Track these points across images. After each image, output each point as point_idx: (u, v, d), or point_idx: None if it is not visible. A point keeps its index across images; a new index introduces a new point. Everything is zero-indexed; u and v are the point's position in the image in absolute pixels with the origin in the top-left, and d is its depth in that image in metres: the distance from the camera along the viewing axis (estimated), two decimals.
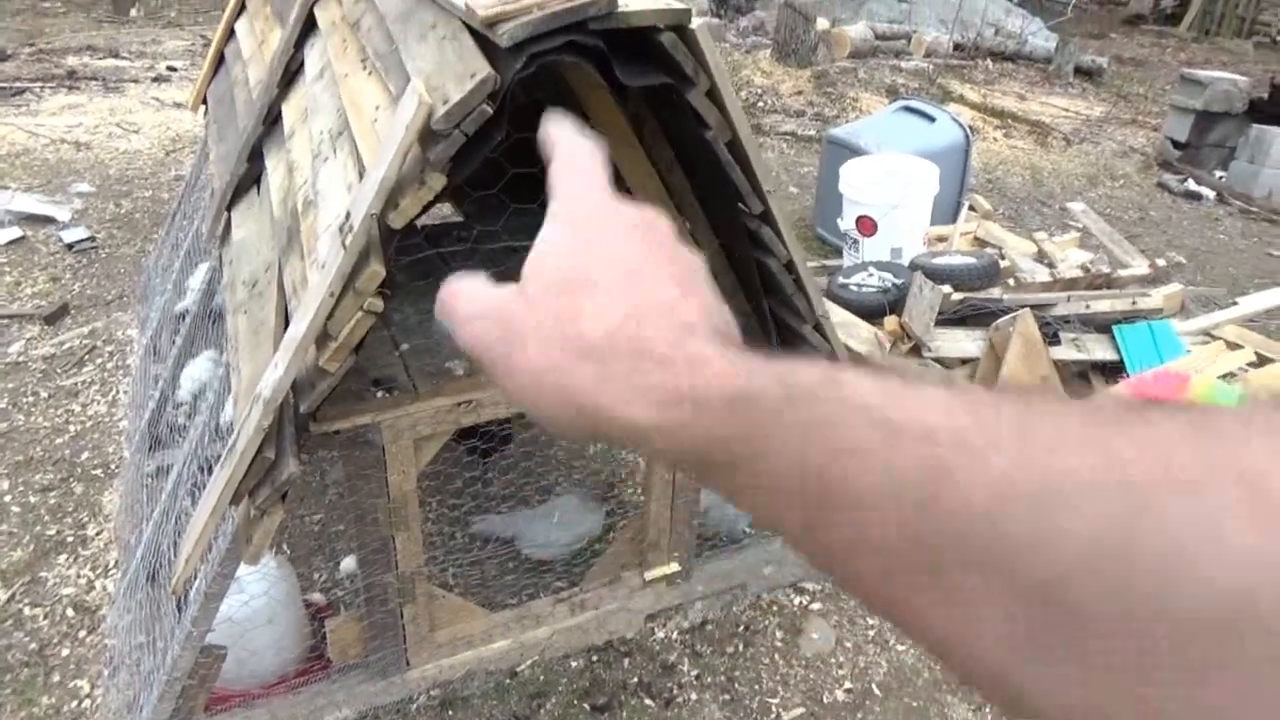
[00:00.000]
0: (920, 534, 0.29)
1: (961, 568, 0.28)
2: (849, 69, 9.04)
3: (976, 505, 0.27)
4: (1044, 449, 0.27)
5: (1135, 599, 0.24)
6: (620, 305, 0.39)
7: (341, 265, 1.52)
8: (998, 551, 0.27)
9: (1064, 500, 0.26)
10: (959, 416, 0.30)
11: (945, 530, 0.28)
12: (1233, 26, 14.30)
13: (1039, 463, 0.27)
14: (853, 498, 0.31)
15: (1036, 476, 0.27)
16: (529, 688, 2.42)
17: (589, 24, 1.50)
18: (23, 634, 2.54)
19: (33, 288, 4.37)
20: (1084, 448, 0.26)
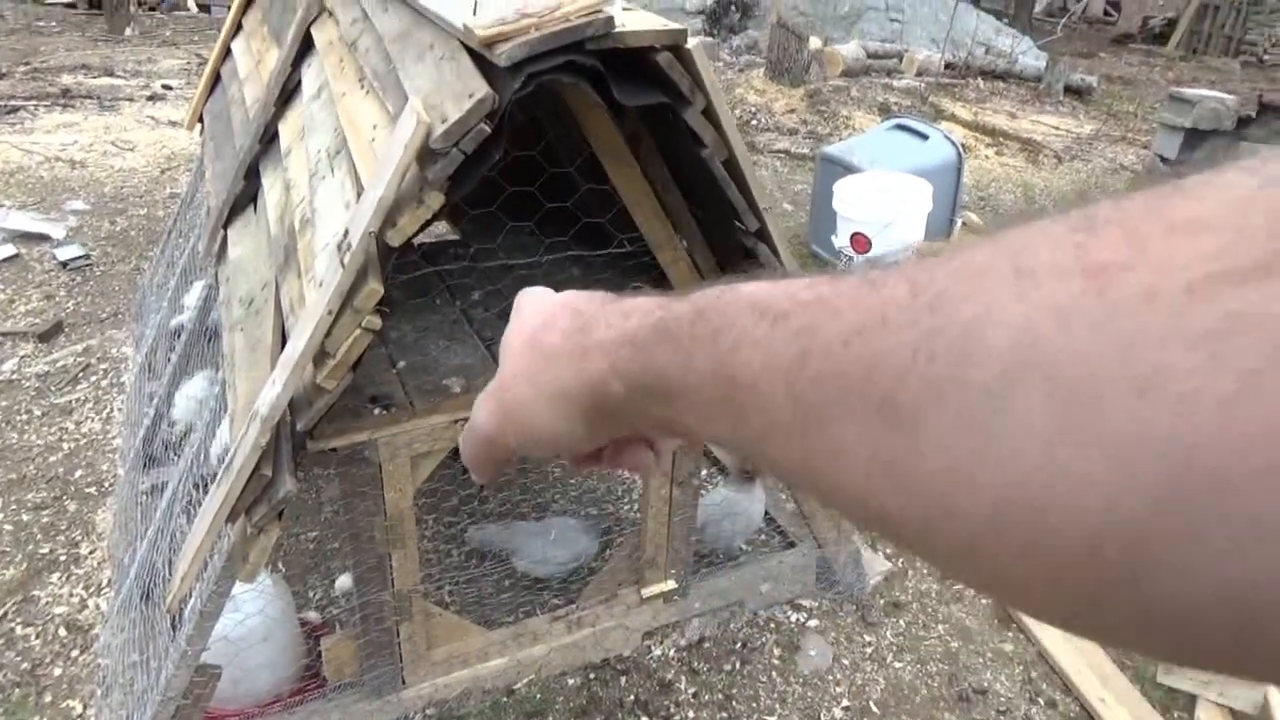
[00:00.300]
0: (798, 391, 0.32)
1: (827, 408, 0.31)
2: (841, 87, 9.10)
3: (831, 351, 0.31)
4: (873, 290, 0.31)
5: (941, 386, 0.27)
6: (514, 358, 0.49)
7: (340, 283, 1.53)
8: (849, 383, 0.30)
9: (885, 325, 0.30)
10: (822, 288, 0.34)
11: (812, 380, 0.32)
12: (1219, 46, 14.45)
13: (870, 301, 0.31)
14: (750, 382, 0.34)
15: (868, 312, 0.31)
16: (526, 706, 2.41)
17: (586, 44, 1.52)
18: (14, 653, 2.52)
19: (26, 305, 4.36)
20: (900, 280, 0.31)
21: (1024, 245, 0.28)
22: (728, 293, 0.38)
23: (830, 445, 0.31)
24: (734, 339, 0.36)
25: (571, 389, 0.45)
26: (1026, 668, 2.63)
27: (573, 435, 0.47)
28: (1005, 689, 2.56)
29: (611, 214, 2.23)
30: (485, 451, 0.52)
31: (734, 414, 0.36)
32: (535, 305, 0.51)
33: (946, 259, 0.30)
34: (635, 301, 0.44)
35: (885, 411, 0.29)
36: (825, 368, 0.31)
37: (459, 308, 2.44)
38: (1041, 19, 16.34)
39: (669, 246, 2.16)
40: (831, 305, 0.32)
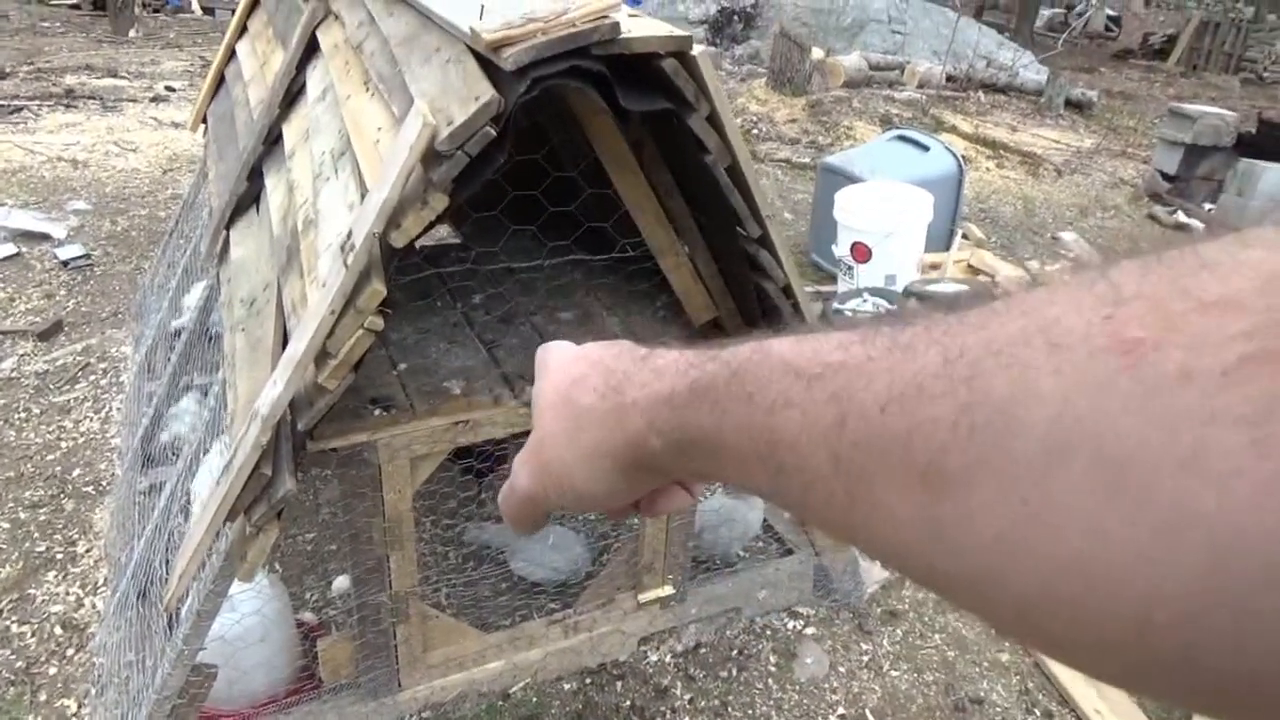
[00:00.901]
0: (839, 453, 0.33)
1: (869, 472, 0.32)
2: (843, 98, 9.13)
3: (869, 416, 0.32)
4: (906, 357, 0.32)
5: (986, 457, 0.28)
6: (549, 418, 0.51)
7: (343, 283, 1.53)
8: (889, 450, 0.31)
9: (921, 393, 0.31)
10: (853, 349, 0.35)
11: (852, 444, 0.33)
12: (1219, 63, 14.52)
13: (904, 369, 0.32)
14: (790, 443, 0.36)
15: (904, 380, 0.32)
16: (521, 710, 2.40)
17: (592, 49, 1.52)
18: (9, 652, 2.51)
19: (27, 304, 4.36)
20: (930, 347, 0.32)
21: (1055, 318, 0.28)
22: (759, 352, 0.39)
23: (875, 506, 0.33)
24: (770, 400, 0.37)
25: (610, 448, 0.46)
26: (1023, 678, 2.63)
27: (613, 490, 0.49)
28: (1001, 699, 2.56)
29: (614, 219, 2.24)
30: (527, 509, 0.54)
31: (774, 471, 0.37)
32: (562, 362, 0.52)
33: (975, 325, 0.31)
34: (666, 359, 0.45)
35: (930, 479, 0.30)
36: (864, 432, 0.32)
37: (460, 310, 2.45)
38: (1043, 33, 16.41)
39: (671, 252, 2.17)
40: (864, 370, 0.33)
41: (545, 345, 0.57)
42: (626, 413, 0.45)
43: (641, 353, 0.48)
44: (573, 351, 0.53)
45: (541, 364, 0.55)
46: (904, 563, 0.33)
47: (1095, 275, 0.29)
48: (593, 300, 2.51)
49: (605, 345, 0.52)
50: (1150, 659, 0.26)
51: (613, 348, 0.51)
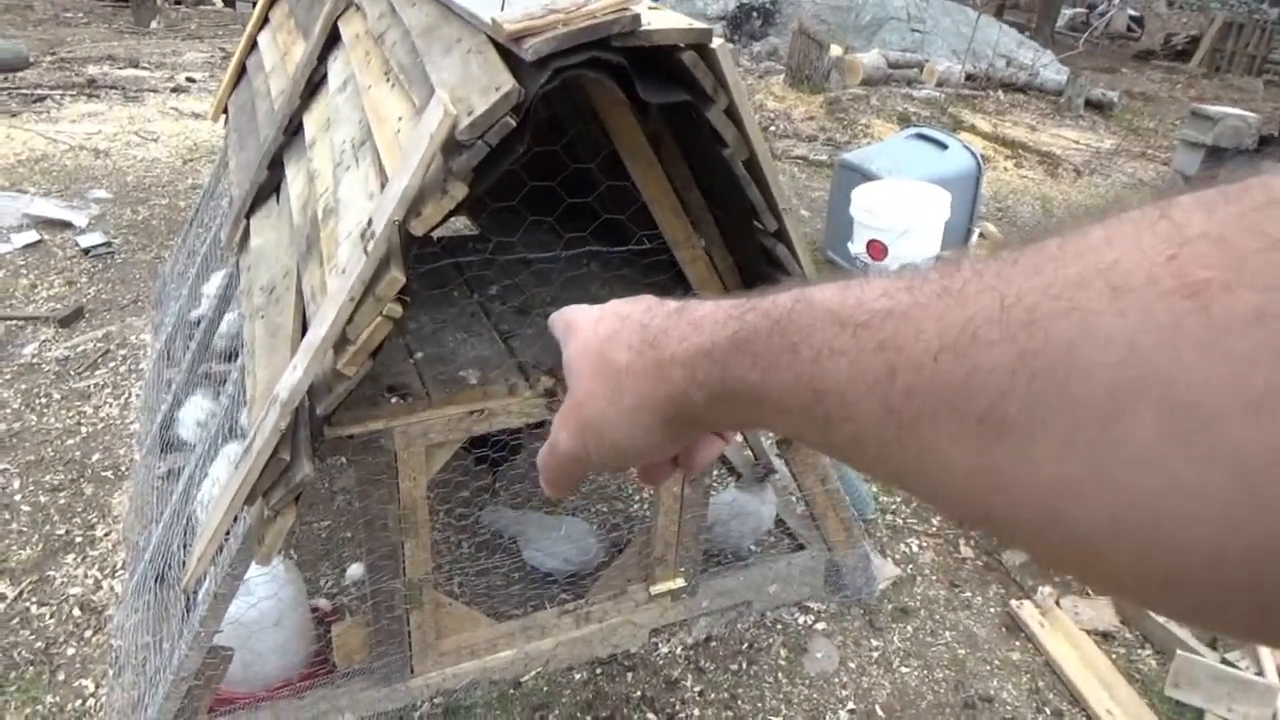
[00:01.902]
0: (889, 402, 0.33)
1: (923, 420, 0.32)
2: (861, 96, 9.11)
3: (920, 364, 0.32)
4: (957, 303, 0.32)
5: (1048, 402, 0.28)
6: (585, 377, 0.51)
7: (363, 271, 1.55)
8: (944, 396, 0.31)
9: (975, 341, 0.30)
10: (899, 296, 0.34)
11: (903, 393, 0.33)
12: (1243, 64, 14.37)
13: (955, 315, 0.32)
14: (837, 391, 0.36)
15: (954, 326, 0.31)
16: (532, 699, 2.42)
17: (612, 41, 1.53)
18: (29, 632, 2.55)
19: (48, 291, 4.41)
20: (984, 293, 0.31)
21: (1115, 260, 0.28)
22: (800, 301, 0.39)
23: (929, 454, 0.33)
24: (815, 350, 0.37)
25: (652, 403, 0.46)
26: (1034, 677, 2.63)
27: (653, 444, 0.49)
28: (1012, 697, 2.56)
29: (631, 211, 2.24)
30: (568, 469, 0.54)
31: (820, 420, 0.37)
32: (589, 321, 0.52)
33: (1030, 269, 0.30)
34: (702, 312, 0.45)
35: (988, 425, 0.30)
36: (916, 381, 0.32)
37: (477, 300, 2.46)
38: (1064, 33, 16.29)
39: (687, 245, 2.18)
40: (912, 317, 0.33)
41: (563, 310, 0.57)
42: (666, 367, 0.45)
43: (673, 305, 0.48)
44: (598, 310, 0.53)
45: (566, 326, 0.55)
46: (960, 507, 0.33)
47: (1155, 214, 0.28)
48: (609, 292, 2.52)
49: (631, 301, 0.52)
50: (1221, 595, 0.26)
51: (640, 302, 0.51)
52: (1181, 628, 2.73)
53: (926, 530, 3.19)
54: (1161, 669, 2.65)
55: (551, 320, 0.59)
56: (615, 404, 0.48)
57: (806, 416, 0.38)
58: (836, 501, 2.69)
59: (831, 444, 0.38)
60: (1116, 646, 2.75)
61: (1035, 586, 2.95)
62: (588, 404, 0.50)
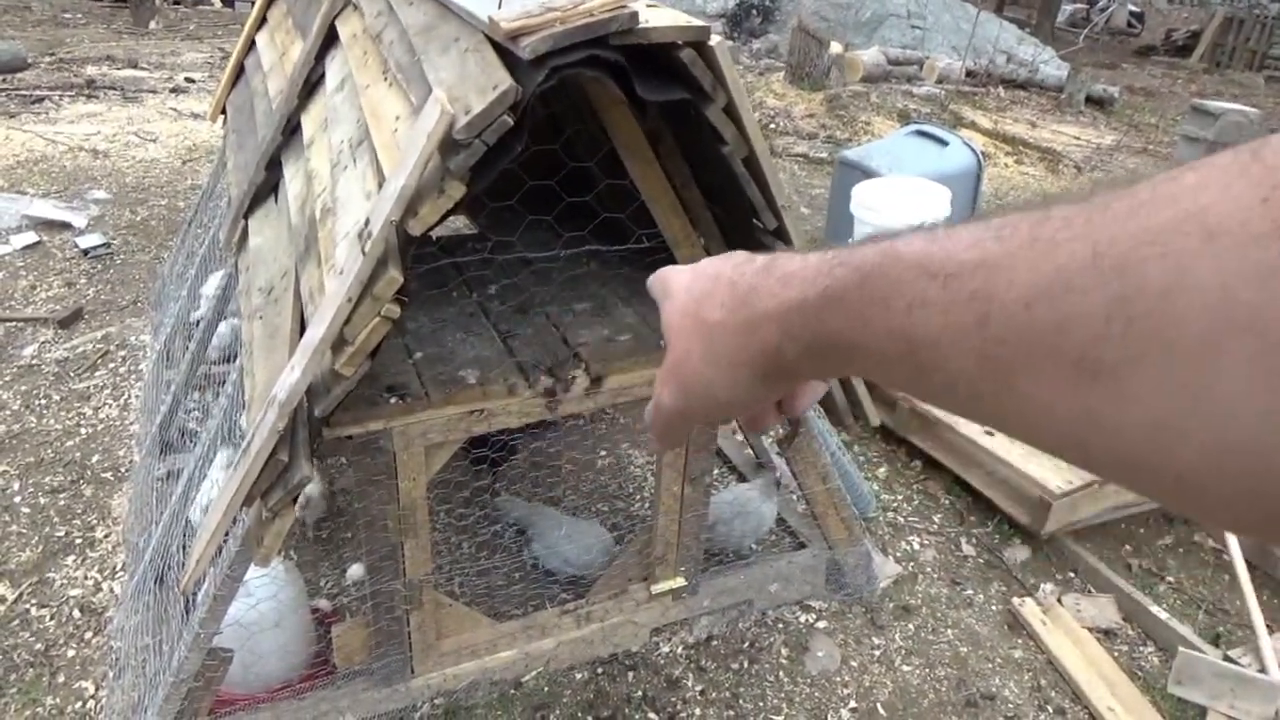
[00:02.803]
0: (983, 350, 0.34)
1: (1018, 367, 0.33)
2: (861, 93, 9.09)
3: (1014, 313, 0.33)
4: (1048, 251, 0.32)
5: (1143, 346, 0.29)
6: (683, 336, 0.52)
7: (360, 271, 1.54)
8: (1038, 343, 0.32)
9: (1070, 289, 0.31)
10: (988, 246, 0.35)
11: (997, 340, 0.34)
12: (1243, 60, 14.35)
13: (1047, 264, 0.32)
14: (931, 342, 0.37)
15: (1047, 274, 0.32)
16: (533, 699, 2.42)
17: (610, 39, 1.52)
18: (29, 634, 2.54)
19: (48, 292, 4.41)
20: (1074, 241, 0.32)
21: (1208, 204, 0.28)
22: (888, 256, 0.40)
23: (1026, 399, 0.33)
24: (907, 301, 0.38)
25: (748, 357, 0.48)
26: (1035, 675, 2.62)
27: (753, 396, 0.50)
28: (1014, 695, 2.56)
29: (630, 210, 2.24)
30: (674, 424, 0.56)
31: (914, 368, 0.38)
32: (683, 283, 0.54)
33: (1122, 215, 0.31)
34: (791, 267, 0.46)
35: (1084, 369, 0.31)
36: (1010, 329, 0.33)
37: (476, 300, 2.46)
38: (1064, 29, 16.27)
39: (687, 243, 2.17)
40: (1003, 266, 0.34)
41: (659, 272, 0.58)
42: (759, 324, 0.46)
43: (762, 261, 0.49)
44: (690, 271, 0.54)
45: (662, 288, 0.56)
46: (1058, 448, 0.34)
47: (1247, 158, 0.28)
48: (608, 291, 2.52)
49: (723, 259, 0.53)
50: None
51: (730, 259, 0.52)
52: (1183, 624, 2.73)
53: (928, 528, 3.18)
54: (1164, 666, 2.64)
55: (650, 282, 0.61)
56: (712, 361, 0.50)
57: (901, 366, 0.39)
58: (838, 500, 2.69)
59: (926, 391, 0.39)
60: (1118, 644, 2.74)
61: (1037, 584, 2.94)
62: (686, 363, 0.52)
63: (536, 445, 2.84)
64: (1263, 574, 3.00)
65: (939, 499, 3.33)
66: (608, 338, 2.27)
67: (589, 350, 2.20)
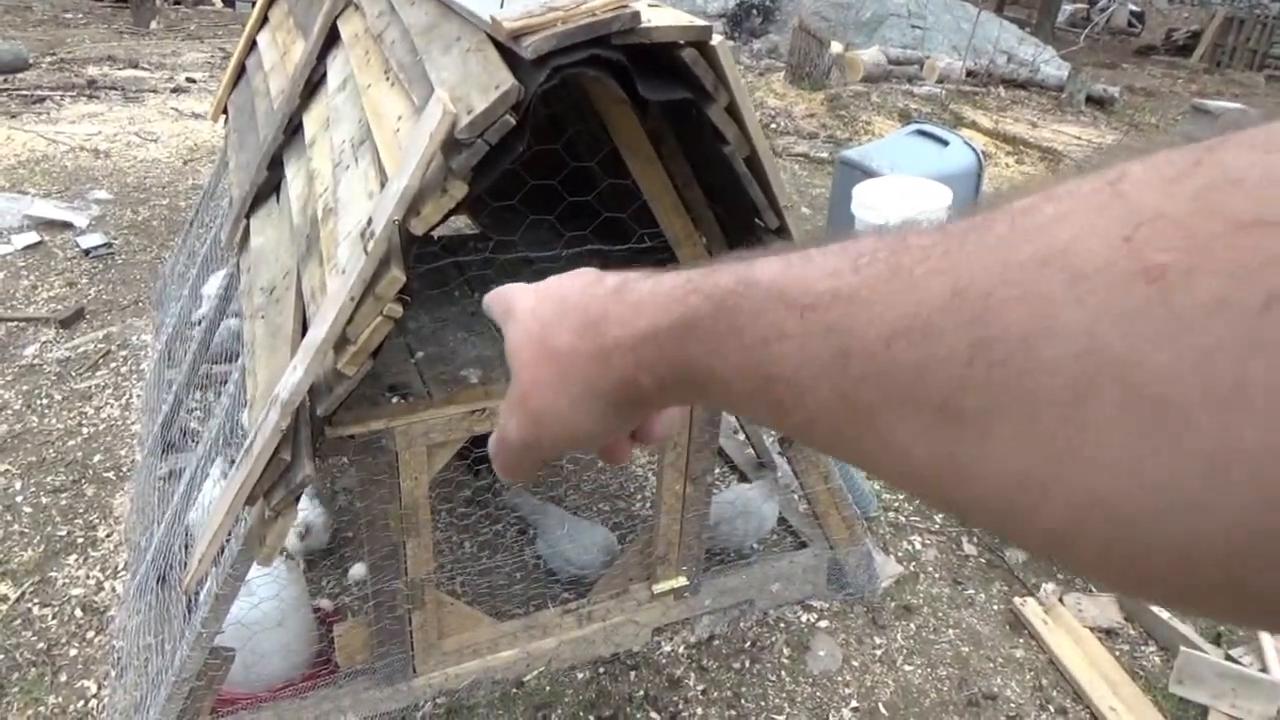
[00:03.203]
0: (841, 389, 0.33)
1: (878, 407, 0.31)
2: (862, 93, 9.09)
3: (873, 352, 0.31)
4: (907, 287, 0.31)
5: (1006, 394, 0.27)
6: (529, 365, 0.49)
7: (362, 270, 1.54)
8: (898, 385, 0.31)
9: (929, 329, 0.29)
10: (846, 277, 0.33)
11: (857, 379, 0.32)
12: (1244, 60, 14.35)
13: (906, 300, 0.30)
14: (789, 377, 0.35)
15: (906, 312, 0.30)
16: (535, 698, 2.42)
17: (612, 39, 1.53)
18: (31, 633, 2.55)
19: (49, 292, 4.41)
20: (933, 276, 0.30)
21: (1069, 242, 0.27)
22: (743, 282, 0.38)
23: (887, 442, 0.32)
24: (762, 334, 0.36)
25: (601, 389, 0.45)
26: (1037, 674, 2.62)
27: (607, 427, 0.48)
28: (1015, 695, 2.56)
29: (632, 209, 2.24)
30: (520, 458, 0.53)
31: (772, 404, 0.36)
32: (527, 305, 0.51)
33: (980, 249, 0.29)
34: (641, 293, 0.44)
35: (946, 415, 0.29)
36: (870, 368, 0.31)
37: (478, 300, 2.45)
38: (1064, 29, 16.27)
39: (689, 243, 2.17)
40: (861, 300, 0.32)
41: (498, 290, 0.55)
42: (610, 353, 0.44)
43: (612, 284, 0.46)
44: (536, 292, 0.51)
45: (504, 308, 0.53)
46: (921, 494, 0.32)
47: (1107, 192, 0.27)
48: None
49: (569, 277, 0.50)
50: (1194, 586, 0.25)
51: (577, 279, 0.49)
52: (1185, 623, 2.73)
53: (929, 528, 3.18)
54: (1165, 665, 2.64)
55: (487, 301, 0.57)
56: (563, 392, 0.47)
57: (758, 400, 0.37)
58: (839, 499, 2.69)
59: (787, 427, 0.37)
60: (1120, 643, 2.74)
61: (1038, 584, 2.94)
62: (534, 393, 0.49)
63: None
64: None
65: None
66: None
67: None
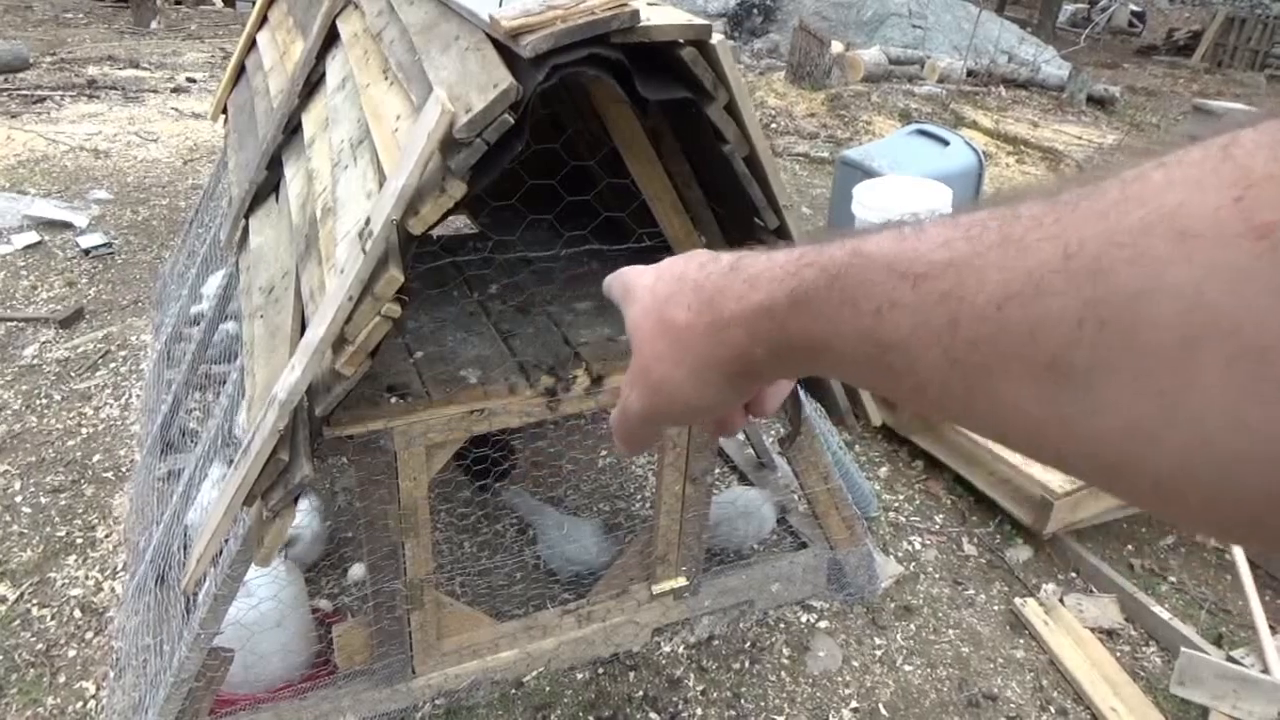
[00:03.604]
0: (953, 352, 0.34)
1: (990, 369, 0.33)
2: (862, 92, 9.09)
3: (985, 315, 0.33)
4: (1019, 252, 0.32)
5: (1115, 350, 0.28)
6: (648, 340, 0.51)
7: (360, 270, 1.54)
8: (1009, 346, 0.32)
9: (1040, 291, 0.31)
10: (958, 245, 0.34)
11: (968, 342, 0.33)
12: (1245, 59, 14.34)
13: (1018, 265, 0.32)
14: (901, 344, 0.36)
15: (1018, 275, 0.31)
16: (534, 699, 2.41)
17: (611, 37, 1.52)
18: (30, 634, 2.54)
19: (49, 292, 4.40)
20: (1046, 242, 0.31)
21: (1179, 204, 0.27)
22: (857, 255, 0.39)
23: (997, 401, 0.33)
24: (875, 304, 0.37)
25: (715, 362, 0.48)
26: (1037, 675, 2.62)
27: (723, 399, 0.50)
28: (1016, 695, 2.55)
29: (631, 209, 2.23)
30: (640, 429, 0.55)
31: (884, 370, 0.38)
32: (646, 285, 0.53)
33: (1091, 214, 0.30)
34: (756, 268, 0.45)
35: (1056, 373, 0.30)
36: (981, 331, 0.33)
37: (477, 299, 2.45)
38: (1065, 29, 16.26)
39: (688, 242, 2.17)
40: (973, 267, 0.33)
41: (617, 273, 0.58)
42: (726, 326, 0.46)
43: (727, 261, 0.48)
44: (654, 271, 0.54)
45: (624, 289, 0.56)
46: (1031, 450, 0.34)
47: (1218, 154, 0.28)
48: None
49: (685, 257, 0.52)
50: None
51: (693, 259, 0.51)
52: (1186, 624, 2.72)
53: (929, 528, 3.18)
54: (1166, 666, 2.64)
55: (607, 284, 0.60)
56: (681, 365, 0.49)
57: (871, 368, 0.39)
58: (839, 500, 2.68)
59: (897, 392, 0.38)
60: (1121, 644, 2.73)
61: (1039, 584, 2.94)
62: (654, 367, 0.51)
63: (535, 457, 2.84)
64: (1265, 574, 3.00)
65: (940, 498, 3.33)
66: (609, 337, 2.27)
67: (590, 350, 2.20)
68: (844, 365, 0.41)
